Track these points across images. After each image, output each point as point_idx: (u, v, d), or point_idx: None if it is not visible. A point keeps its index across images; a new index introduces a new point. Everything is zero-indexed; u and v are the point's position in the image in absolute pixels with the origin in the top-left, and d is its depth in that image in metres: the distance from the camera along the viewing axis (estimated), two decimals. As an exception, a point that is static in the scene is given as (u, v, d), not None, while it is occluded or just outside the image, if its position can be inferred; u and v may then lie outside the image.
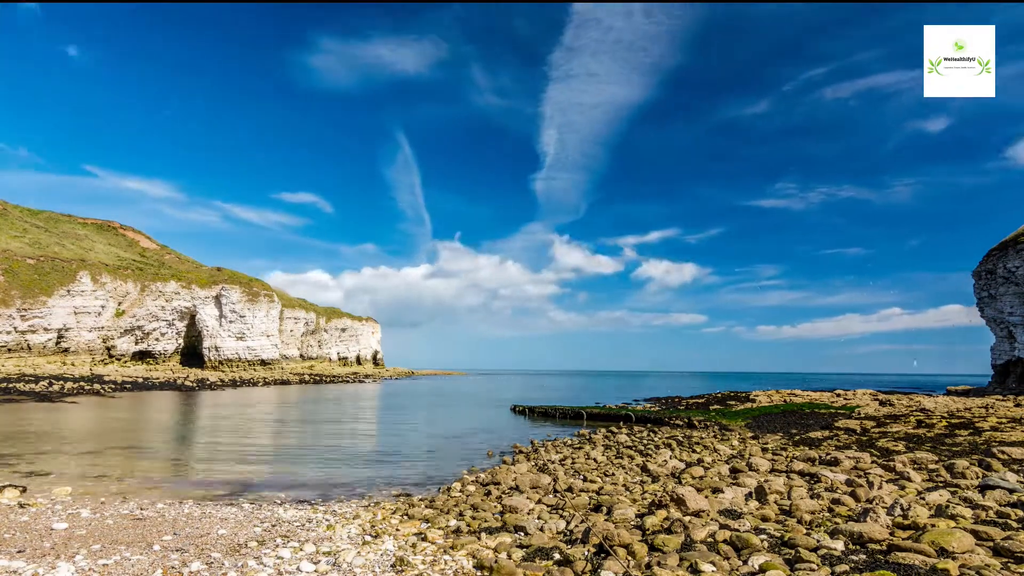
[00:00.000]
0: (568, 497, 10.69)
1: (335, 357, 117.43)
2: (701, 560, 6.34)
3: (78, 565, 6.68)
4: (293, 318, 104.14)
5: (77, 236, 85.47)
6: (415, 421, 31.98)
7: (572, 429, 27.31)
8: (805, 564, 6.13)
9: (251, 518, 9.53)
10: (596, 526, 7.65)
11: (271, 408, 37.36)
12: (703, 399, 45.67)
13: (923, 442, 16.45)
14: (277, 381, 71.43)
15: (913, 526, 7.41)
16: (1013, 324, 56.52)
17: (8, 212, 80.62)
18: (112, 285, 73.16)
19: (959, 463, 11.70)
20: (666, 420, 29.20)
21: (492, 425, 29.56)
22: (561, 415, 34.34)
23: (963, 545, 6.42)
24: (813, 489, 10.32)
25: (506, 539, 7.86)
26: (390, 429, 27.93)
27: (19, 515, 9.16)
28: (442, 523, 9.08)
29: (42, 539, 7.78)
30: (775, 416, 29.43)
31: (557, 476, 12.98)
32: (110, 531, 8.37)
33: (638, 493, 11.04)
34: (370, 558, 7.18)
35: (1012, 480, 9.80)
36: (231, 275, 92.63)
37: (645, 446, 19.34)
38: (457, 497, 11.39)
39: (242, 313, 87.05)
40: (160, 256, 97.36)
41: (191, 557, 7.14)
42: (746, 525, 7.91)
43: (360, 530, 8.74)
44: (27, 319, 61.36)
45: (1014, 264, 55.37)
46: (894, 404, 32.57)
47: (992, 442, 15.13)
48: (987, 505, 8.43)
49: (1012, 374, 56.08)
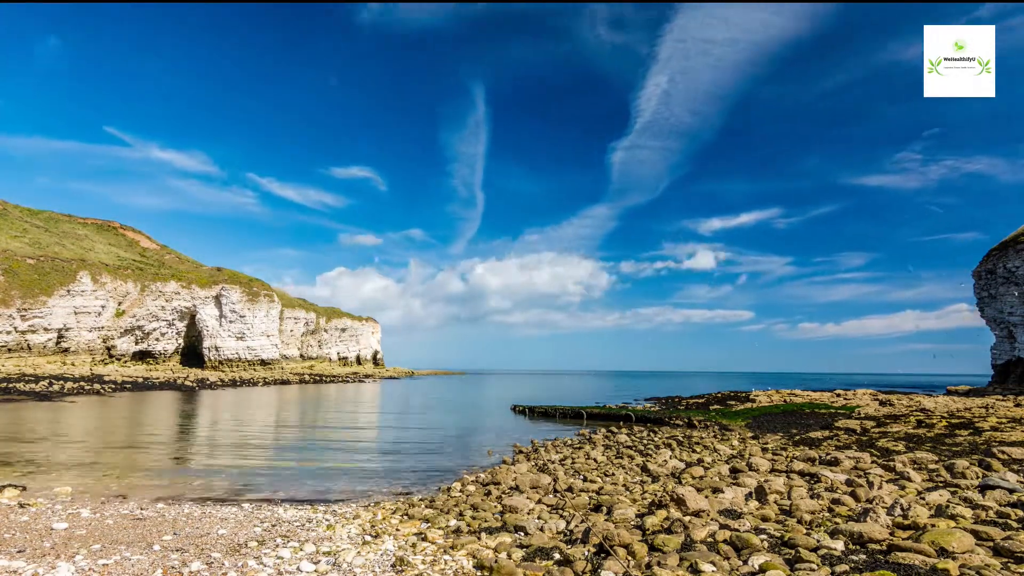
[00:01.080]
0: (568, 497, 10.69)
1: (335, 357, 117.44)
2: (701, 560, 6.34)
3: (78, 565, 6.68)
4: (293, 318, 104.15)
5: (77, 236, 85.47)
6: (415, 421, 31.97)
7: (572, 429, 27.31)
8: (805, 564, 6.13)
9: (251, 518, 9.53)
10: (596, 526, 7.65)
11: (271, 408, 37.35)
12: (703, 399, 45.66)
13: (923, 442, 16.44)
14: (277, 381, 71.42)
15: (913, 526, 7.41)
16: (1013, 324, 56.57)
17: (8, 212, 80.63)
18: (112, 285, 73.16)
19: (959, 463, 11.69)
20: (666, 420, 29.20)
21: (492, 425, 29.56)
22: (561, 415, 34.33)
23: (963, 545, 6.42)
24: (813, 489, 10.31)
25: (506, 539, 7.86)
26: (390, 429, 27.91)
27: (19, 515, 9.17)
28: (442, 523, 9.08)
29: (42, 539, 7.78)
30: (775, 416, 29.43)
31: (557, 476, 12.98)
32: (110, 531, 8.37)
33: (638, 493, 11.04)
34: (370, 558, 7.18)
35: (1012, 480, 9.80)
36: (231, 275, 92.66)
37: (645, 446, 19.33)
38: (457, 497, 11.40)
39: (242, 313, 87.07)
40: (160, 256, 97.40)
41: (191, 557, 7.14)
42: (746, 525, 7.90)
43: (360, 530, 8.74)
44: (27, 319, 61.35)
45: (1014, 264, 55.41)
46: (894, 404, 32.56)
47: (992, 442, 15.12)
48: (987, 505, 8.43)
49: (1012, 374, 56.13)
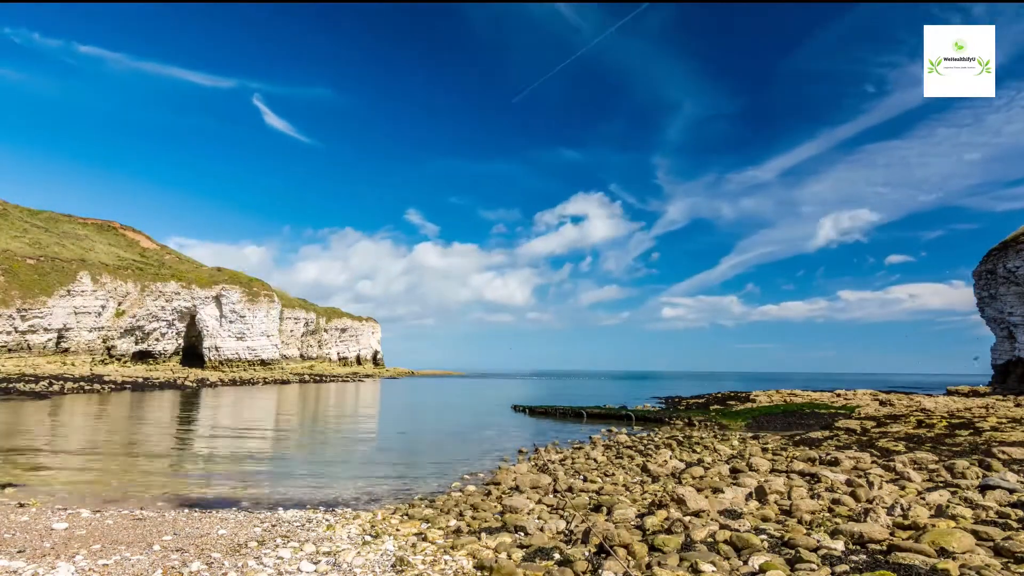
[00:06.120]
0: (568, 497, 10.68)
1: (335, 357, 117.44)
2: (701, 560, 6.34)
3: (78, 565, 6.67)
4: (293, 318, 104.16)
5: (77, 236, 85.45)
6: (415, 420, 31.97)
7: (572, 428, 27.30)
8: (805, 564, 6.13)
9: (251, 518, 9.52)
10: (596, 526, 7.65)
11: (271, 407, 37.35)
12: (703, 399, 45.65)
13: (923, 442, 16.44)
14: (277, 381, 71.41)
15: (913, 526, 7.41)
16: (1013, 324, 56.55)
17: (8, 212, 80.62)
18: (112, 285, 73.16)
19: (959, 463, 11.69)
20: (666, 420, 29.20)
21: (492, 424, 29.54)
22: (561, 415, 34.34)
23: (963, 545, 6.42)
24: (813, 489, 10.30)
25: (506, 539, 7.85)
26: (390, 428, 27.91)
27: (19, 515, 9.16)
28: (442, 523, 9.07)
29: (42, 539, 7.78)
30: (775, 416, 29.40)
31: (557, 476, 12.97)
32: (110, 531, 8.37)
33: (638, 493, 11.03)
34: (370, 558, 7.17)
35: (1012, 480, 9.80)
36: (231, 275, 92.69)
37: (645, 446, 19.32)
38: (457, 497, 11.39)
39: (242, 313, 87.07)
40: (160, 256, 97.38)
41: (191, 557, 7.13)
42: (746, 525, 7.90)
43: (360, 530, 8.74)
44: (27, 319, 61.34)
45: (1014, 264, 55.39)
46: (894, 404, 32.55)
47: (992, 442, 15.12)
48: (987, 505, 8.43)
49: (1012, 374, 56.11)
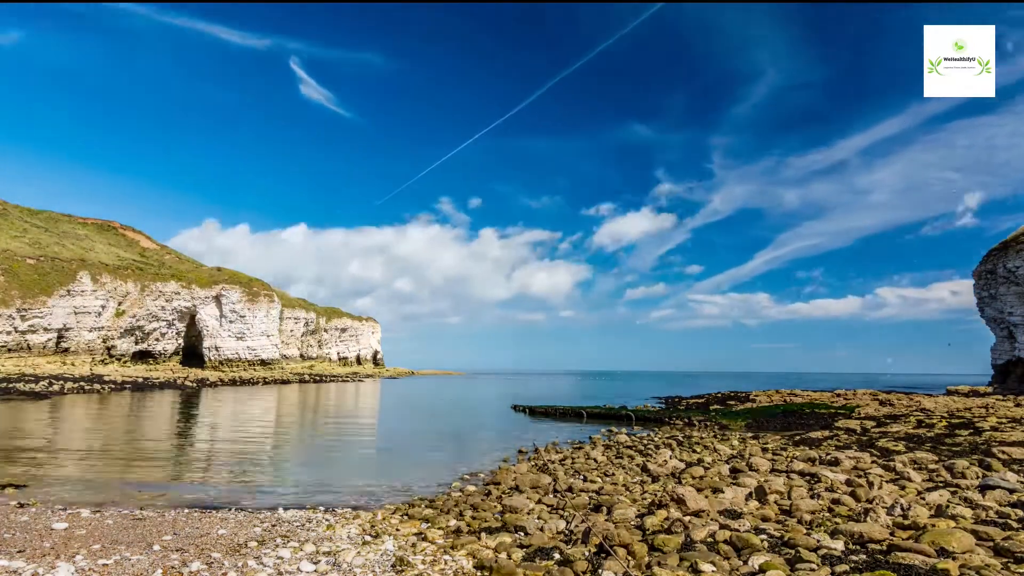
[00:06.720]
0: (568, 497, 10.68)
1: (335, 357, 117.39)
2: (701, 560, 6.34)
3: (78, 565, 6.67)
4: (293, 318, 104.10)
5: (77, 236, 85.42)
6: (414, 420, 31.97)
7: (572, 428, 27.29)
8: (805, 564, 6.13)
9: (251, 518, 9.52)
10: (596, 526, 7.65)
11: (270, 407, 37.34)
12: (703, 399, 45.64)
13: (923, 442, 16.44)
14: (277, 381, 71.40)
15: (913, 526, 7.41)
16: (1013, 324, 56.55)
17: (8, 212, 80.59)
18: (112, 285, 73.13)
19: (959, 463, 11.69)
20: (666, 420, 29.19)
21: (492, 424, 29.54)
22: (561, 414, 34.33)
23: (963, 545, 6.42)
24: (813, 489, 10.30)
25: (506, 539, 7.85)
26: (389, 428, 27.92)
27: (19, 515, 9.16)
28: (442, 523, 9.07)
29: (42, 539, 7.78)
30: (775, 416, 29.39)
31: (557, 476, 12.97)
32: (110, 531, 8.37)
33: (638, 493, 11.03)
34: (370, 558, 7.17)
35: (1012, 480, 9.80)
36: (231, 275, 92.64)
37: (645, 446, 19.31)
38: (457, 497, 11.39)
39: (242, 313, 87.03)
40: (160, 256, 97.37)
41: (191, 557, 7.13)
42: (746, 525, 7.90)
43: (360, 530, 8.74)
44: (27, 319, 61.32)
45: (1014, 264, 55.40)
46: (894, 404, 32.55)
47: (992, 442, 15.12)
48: (987, 505, 8.43)
49: (1012, 374, 56.12)
